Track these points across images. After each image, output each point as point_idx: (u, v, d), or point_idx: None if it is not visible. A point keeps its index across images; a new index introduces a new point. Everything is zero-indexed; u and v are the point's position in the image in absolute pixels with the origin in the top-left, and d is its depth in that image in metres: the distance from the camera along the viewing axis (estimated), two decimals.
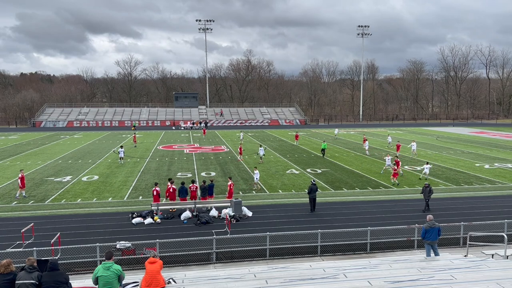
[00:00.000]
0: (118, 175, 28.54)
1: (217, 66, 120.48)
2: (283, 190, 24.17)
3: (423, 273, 9.11)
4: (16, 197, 21.99)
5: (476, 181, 26.65)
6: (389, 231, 15.27)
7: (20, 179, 21.98)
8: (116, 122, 79.64)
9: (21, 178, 22.02)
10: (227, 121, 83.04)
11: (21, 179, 21.99)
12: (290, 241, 14.69)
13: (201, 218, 18.10)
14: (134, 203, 21.39)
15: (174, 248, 13.58)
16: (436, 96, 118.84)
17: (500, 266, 10.04)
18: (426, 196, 19.63)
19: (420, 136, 57.33)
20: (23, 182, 22.09)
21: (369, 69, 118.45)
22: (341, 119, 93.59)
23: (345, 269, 9.86)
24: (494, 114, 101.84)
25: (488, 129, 69.86)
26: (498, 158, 36.23)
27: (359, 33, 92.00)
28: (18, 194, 22.20)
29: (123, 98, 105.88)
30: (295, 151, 40.85)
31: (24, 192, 22.44)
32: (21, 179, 21.98)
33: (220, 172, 29.71)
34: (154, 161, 34.98)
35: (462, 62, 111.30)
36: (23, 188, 22.18)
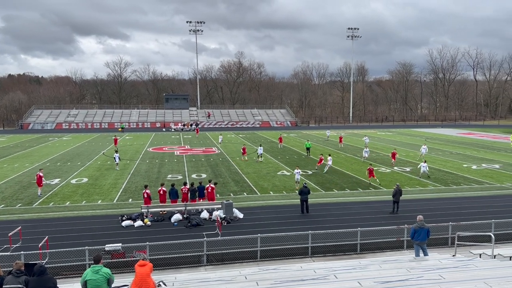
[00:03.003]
0: (108, 178, 28.30)
1: (207, 68, 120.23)
2: (274, 192, 24.20)
3: (412, 273, 9.19)
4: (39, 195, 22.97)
5: (464, 182, 26.99)
6: (379, 231, 15.39)
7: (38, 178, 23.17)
8: (106, 124, 78.97)
9: (38, 177, 23.15)
10: (218, 122, 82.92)
11: (38, 178, 23.15)
12: (281, 243, 14.70)
13: (191, 220, 18.03)
14: (124, 205, 21.22)
15: (164, 251, 13.50)
16: (425, 97, 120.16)
17: (488, 265, 10.18)
18: (396, 198, 19.76)
19: (409, 137, 57.90)
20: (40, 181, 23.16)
21: (359, 71, 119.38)
22: (331, 121, 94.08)
23: (336, 270, 9.90)
24: (481, 115, 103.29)
25: (475, 130, 70.83)
26: (485, 159, 36.74)
27: (348, 35, 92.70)
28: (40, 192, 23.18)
29: (113, 100, 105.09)
30: (286, 153, 40.94)
31: (39, 191, 23.17)
32: (38, 178, 23.14)
33: (211, 174, 29.63)
34: (144, 163, 34.76)
35: (450, 64, 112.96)
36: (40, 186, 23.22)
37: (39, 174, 23.36)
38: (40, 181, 23.14)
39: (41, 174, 23.43)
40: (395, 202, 19.88)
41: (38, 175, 23.34)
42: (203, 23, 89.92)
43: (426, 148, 37.10)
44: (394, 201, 19.92)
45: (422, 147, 37.21)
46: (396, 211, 19.82)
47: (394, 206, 19.95)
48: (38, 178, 23.17)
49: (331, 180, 27.40)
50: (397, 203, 19.88)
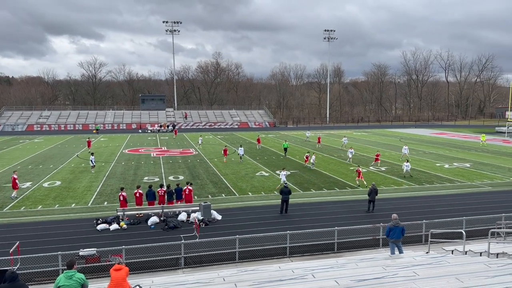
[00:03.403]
0: (82, 180, 27.65)
1: (184, 68, 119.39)
2: (252, 193, 24.21)
3: (387, 270, 9.37)
4: None
5: (437, 180, 27.75)
6: (356, 230, 15.63)
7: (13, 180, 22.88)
8: (80, 126, 77.15)
9: (13, 180, 22.84)
10: (196, 123, 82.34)
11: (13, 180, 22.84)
12: (260, 243, 14.72)
13: (169, 223, 17.82)
14: (99, 209, 20.77)
15: (141, 254, 13.29)
16: (399, 98, 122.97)
17: (459, 261, 10.49)
18: (371, 197, 20.16)
19: (384, 137, 59.08)
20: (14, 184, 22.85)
21: (335, 72, 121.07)
22: (309, 122, 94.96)
23: (313, 269, 9.98)
24: (453, 116, 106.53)
25: (447, 130, 72.98)
26: (457, 158, 37.89)
27: (325, 37, 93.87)
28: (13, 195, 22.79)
29: (87, 101, 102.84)
30: (264, 153, 41.04)
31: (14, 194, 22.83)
32: (13, 181, 22.83)
33: (188, 175, 29.38)
34: (120, 165, 34.14)
35: (423, 66, 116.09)
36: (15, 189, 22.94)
37: (14, 177, 22.90)
38: (15, 184, 22.76)
39: (15, 176, 22.97)
40: (371, 201, 20.24)
41: (13, 177, 22.86)
42: (180, 23, 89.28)
43: (407, 148, 37.93)
44: (369, 200, 20.28)
45: (404, 148, 38.03)
46: (372, 210, 20.18)
47: (369, 205, 20.31)
48: (13, 181, 22.74)
49: (309, 180, 27.64)
50: (372, 202, 20.24)
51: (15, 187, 22.85)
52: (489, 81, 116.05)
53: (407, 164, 29.08)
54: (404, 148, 38.03)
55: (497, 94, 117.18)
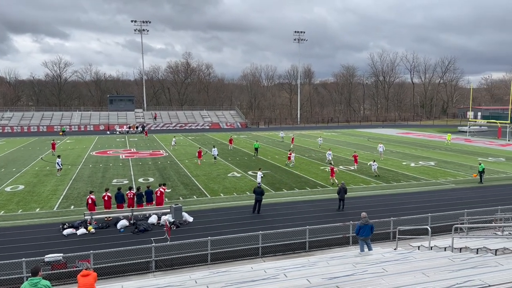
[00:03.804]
0: (47, 184, 26.67)
1: (154, 69, 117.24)
2: (224, 194, 24.12)
3: (357, 267, 9.57)
4: None
5: (404, 179, 28.61)
6: (326, 229, 15.88)
7: None
8: (44, 127, 74.39)
9: None
10: (166, 124, 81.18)
11: None
12: (232, 245, 14.69)
13: (139, 226, 17.48)
14: (65, 213, 20.10)
15: (110, 259, 12.96)
16: (367, 99, 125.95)
17: (425, 256, 10.85)
18: (341, 195, 20.59)
19: (353, 137, 60.34)
20: None
21: (306, 73, 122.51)
22: (280, 122, 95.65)
23: (285, 269, 10.06)
24: (418, 116, 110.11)
25: (413, 130, 75.38)
26: (422, 157, 39.22)
27: (295, 39, 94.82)
28: None
29: (52, 102, 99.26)
30: (236, 154, 40.99)
31: None
32: None
33: (159, 177, 28.93)
34: (87, 168, 33.18)
35: (390, 68, 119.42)
36: None
37: None
38: None
39: None
40: (341, 200, 20.63)
41: None
42: (149, 22, 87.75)
43: (382, 146, 38.81)
44: (339, 198, 20.66)
45: (379, 146, 38.90)
46: (342, 209, 20.56)
47: (339, 203, 20.69)
48: None
49: (281, 180, 27.83)
50: (342, 200, 20.63)
51: None
52: (452, 82, 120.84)
53: (374, 163, 29.80)
54: (379, 146, 38.91)
55: (459, 95, 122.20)
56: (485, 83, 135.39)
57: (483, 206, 19.79)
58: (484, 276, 7.36)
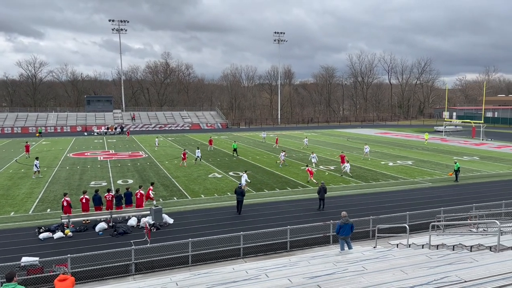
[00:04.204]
0: (22, 187, 25.93)
1: (133, 69, 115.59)
2: (205, 195, 23.99)
3: (338, 266, 9.67)
4: None
5: (382, 178, 29.10)
6: (307, 228, 15.99)
7: None
8: (19, 129, 72.31)
9: None
10: (145, 125, 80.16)
11: None
12: (213, 246, 14.62)
13: (118, 228, 17.19)
14: (41, 216, 19.58)
15: (88, 263, 12.69)
16: (346, 100, 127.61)
17: (404, 254, 11.06)
18: (321, 195, 20.80)
19: (333, 137, 61.02)
20: None
21: (286, 74, 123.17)
22: (261, 123, 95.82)
23: (267, 269, 10.07)
24: (396, 116, 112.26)
25: (391, 130, 76.80)
26: (400, 156, 39.99)
27: (275, 39, 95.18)
28: None
29: (27, 102, 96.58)
30: (217, 155, 40.83)
31: None
32: None
33: (138, 179, 28.54)
34: (64, 170, 32.43)
35: (368, 69, 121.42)
36: None
37: None
38: None
39: None
40: (321, 199, 20.82)
41: None
42: (127, 22, 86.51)
43: (368, 147, 39.20)
44: (319, 198, 20.85)
45: (365, 147, 39.29)
46: (322, 208, 20.75)
47: (320, 203, 20.87)
48: None
49: (262, 181, 27.88)
50: (322, 200, 20.82)
51: None
52: (428, 83, 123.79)
53: (347, 164, 30.00)
54: (365, 147, 39.21)
55: (435, 96, 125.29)
56: (460, 84, 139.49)
57: (458, 204, 20.32)
58: (460, 272, 7.55)
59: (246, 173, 25.79)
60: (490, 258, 8.92)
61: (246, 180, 24.85)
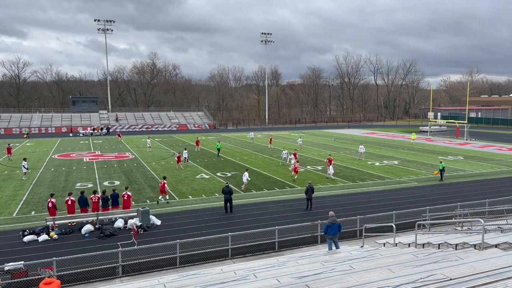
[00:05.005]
0: (5, 189, 25.43)
1: (119, 69, 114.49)
2: (193, 196, 23.88)
3: (326, 266, 9.74)
4: None
5: (369, 178, 29.38)
6: (295, 228, 16.05)
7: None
8: (2, 130, 70.89)
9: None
10: (132, 126, 79.41)
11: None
12: (201, 247, 14.56)
13: (104, 230, 17.00)
14: (25, 219, 19.23)
15: (74, 265, 12.53)
16: (333, 100, 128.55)
17: (390, 253, 11.20)
18: (308, 195, 20.89)
19: (320, 137, 61.36)
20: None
21: (273, 75, 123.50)
22: (248, 123, 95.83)
23: (255, 270, 10.08)
24: (382, 116, 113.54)
25: (377, 130, 77.60)
26: (386, 156, 40.44)
27: (262, 40, 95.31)
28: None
29: (10, 103, 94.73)
30: (204, 156, 40.68)
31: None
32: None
33: (125, 180, 28.25)
34: (49, 171, 31.91)
35: (354, 69, 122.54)
36: None
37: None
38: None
39: None
40: (308, 199, 20.92)
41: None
42: (113, 22, 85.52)
43: (363, 147, 39.32)
44: (307, 198, 20.95)
45: (360, 147, 39.41)
46: (310, 208, 20.85)
47: (307, 203, 20.97)
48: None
49: (250, 181, 27.85)
50: (310, 200, 20.92)
51: None
52: (413, 84, 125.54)
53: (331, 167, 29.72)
54: (360, 147, 39.28)
55: (420, 96, 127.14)
56: (444, 84, 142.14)
57: (444, 203, 20.64)
58: (446, 270, 7.68)
59: (247, 171, 26.03)
60: (475, 256, 9.10)
61: (247, 178, 25.14)
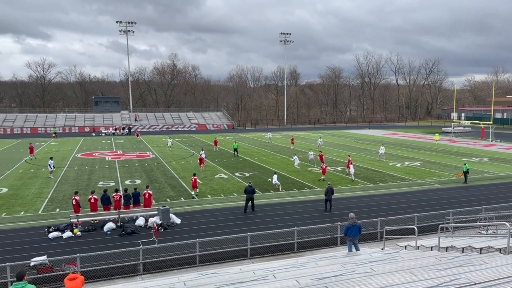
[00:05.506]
0: (31, 187, 26.19)
1: (140, 70, 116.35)
2: (212, 195, 24.04)
3: (346, 268, 9.65)
4: None
5: (390, 179, 28.94)
6: (314, 230, 15.94)
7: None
8: (28, 129, 73.05)
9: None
10: (152, 126, 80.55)
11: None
12: (220, 246, 14.64)
13: (126, 228, 17.29)
14: (50, 216, 19.76)
15: (97, 262, 12.78)
16: (353, 100, 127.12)
17: (412, 256, 11.00)
18: (328, 196, 20.72)
19: (340, 138, 60.79)
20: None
21: (292, 75, 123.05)
22: (267, 123, 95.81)
23: (274, 270, 10.07)
24: (403, 117, 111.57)
25: (398, 131, 76.33)
26: (407, 157, 39.73)
27: (281, 40, 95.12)
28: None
29: (36, 103, 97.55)
30: (223, 156, 40.89)
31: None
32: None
33: (146, 179, 28.68)
34: (73, 170, 32.69)
35: (375, 69, 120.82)
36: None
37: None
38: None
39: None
40: (328, 201, 20.76)
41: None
42: (134, 23, 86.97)
43: (383, 148, 38.78)
44: (326, 199, 20.79)
45: (381, 148, 38.94)
46: (329, 209, 20.69)
47: (326, 204, 20.81)
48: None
49: (268, 182, 27.84)
50: (329, 201, 20.75)
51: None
52: (436, 84, 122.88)
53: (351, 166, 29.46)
54: (381, 148, 38.84)
55: (443, 97, 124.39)
56: (468, 84, 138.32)
57: (468, 206, 20.15)
58: (470, 274, 7.50)
59: (276, 175, 26.27)
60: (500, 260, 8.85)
61: (276, 181, 25.40)
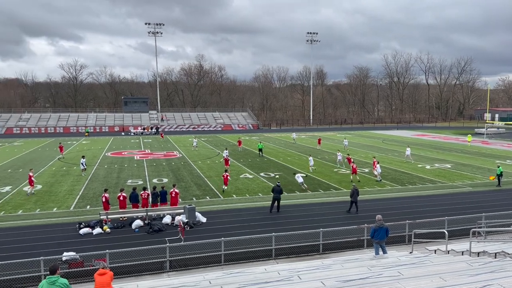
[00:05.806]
0: (63, 184, 27.12)
1: (168, 71, 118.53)
2: (237, 195, 24.16)
3: (372, 271, 9.47)
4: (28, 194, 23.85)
5: (419, 181, 28.22)
6: (340, 231, 15.74)
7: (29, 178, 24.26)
8: (61, 129, 75.72)
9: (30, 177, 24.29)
10: (179, 126, 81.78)
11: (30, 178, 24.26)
12: (245, 246, 14.69)
13: (153, 226, 17.63)
14: (81, 212, 20.40)
15: (125, 258, 13.10)
16: (381, 100, 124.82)
17: (442, 260, 10.68)
18: (354, 198, 20.39)
19: (367, 139, 59.81)
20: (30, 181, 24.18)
21: (318, 74, 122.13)
22: (292, 123, 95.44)
23: (299, 271, 10.02)
24: (434, 117, 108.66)
25: (428, 131, 74.35)
26: (437, 159, 38.63)
27: (308, 40, 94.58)
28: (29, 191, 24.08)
29: (68, 103, 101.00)
30: (247, 155, 41.04)
31: (30, 190, 24.15)
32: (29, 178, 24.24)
33: (172, 178, 29.15)
34: (103, 168, 33.63)
35: (404, 69, 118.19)
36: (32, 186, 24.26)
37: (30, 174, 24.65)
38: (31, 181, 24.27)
39: (30, 174, 24.59)
40: (353, 202, 20.46)
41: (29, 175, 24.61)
42: (162, 25, 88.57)
43: (409, 149, 37.86)
44: (351, 201, 20.50)
45: (407, 149, 38.06)
46: (356, 211, 20.39)
47: (351, 205, 20.52)
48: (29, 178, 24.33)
49: (293, 182, 27.71)
50: (355, 203, 20.45)
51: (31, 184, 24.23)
52: (468, 83, 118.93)
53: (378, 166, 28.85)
54: (407, 149, 37.88)
55: (475, 97, 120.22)
56: (503, 84, 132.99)
57: (501, 210, 19.38)
58: (503, 280, 7.22)
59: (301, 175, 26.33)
60: None
61: (302, 181, 25.41)
